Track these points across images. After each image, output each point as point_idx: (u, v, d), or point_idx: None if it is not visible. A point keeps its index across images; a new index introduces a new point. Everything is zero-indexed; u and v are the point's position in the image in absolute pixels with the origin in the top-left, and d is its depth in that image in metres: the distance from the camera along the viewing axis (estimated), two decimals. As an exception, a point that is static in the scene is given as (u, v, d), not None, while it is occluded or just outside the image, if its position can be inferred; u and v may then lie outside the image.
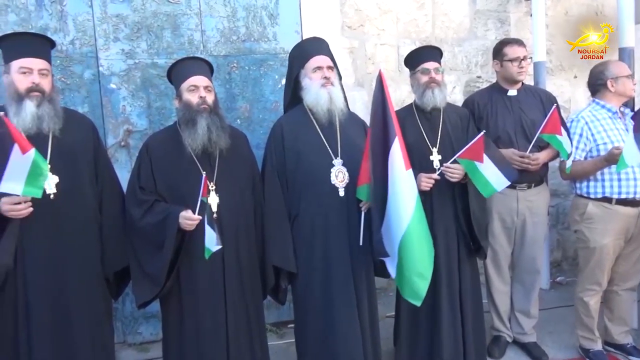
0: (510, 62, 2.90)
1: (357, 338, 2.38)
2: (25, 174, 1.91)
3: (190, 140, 2.24)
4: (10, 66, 2.12)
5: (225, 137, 2.30)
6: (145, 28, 3.21)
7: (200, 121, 2.24)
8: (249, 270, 2.39)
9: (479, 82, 4.00)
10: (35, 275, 2.11)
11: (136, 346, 3.29)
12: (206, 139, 2.24)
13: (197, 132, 2.23)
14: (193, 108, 2.26)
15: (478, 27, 4.00)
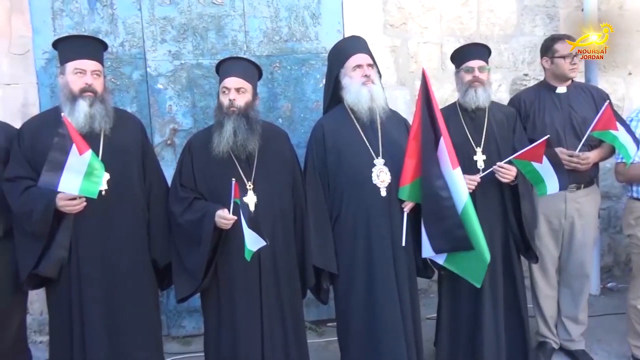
0: (562, 58, 2.80)
1: (400, 339, 2.36)
2: (82, 174, 2.01)
3: (216, 142, 2.28)
4: (65, 67, 2.23)
5: (254, 140, 2.30)
6: (191, 30, 3.30)
7: (227, 124, 2.26)
8: (286, 269, 2.40)
9: (525, 80, 3.88)
10: (88, 268, 2.21)
11: (179, 339, 3.38)
12: (231, 141, 2.27)
13: (223, 135, 2.26)
14: (222, 110, 2.30)
15: (525, 23, 3.88)
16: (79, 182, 2.02)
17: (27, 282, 2.21)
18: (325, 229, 2.44)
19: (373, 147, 2.44)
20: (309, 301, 3.47)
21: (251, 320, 2.31)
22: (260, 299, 2.31)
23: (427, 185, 2.31)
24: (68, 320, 2.21)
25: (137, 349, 2.30)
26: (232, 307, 2.31)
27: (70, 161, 2.01)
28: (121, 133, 2.29)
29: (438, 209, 2.30)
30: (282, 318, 2.39)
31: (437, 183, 2.29)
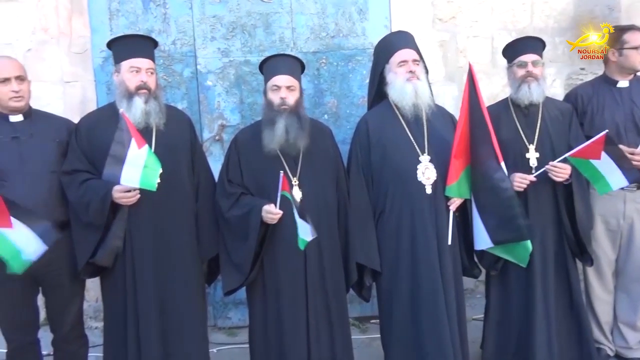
0: (633, 50, 2.65)
1: (445, 339, 2.32)
2: (141, 168, 2.10)
3: (268, 140, 2.30)
4: (120, 66, 2.31)
5: (304, 137, 2.32)
6: (239, 27, 3.35)
7: (279, 122, 2.28)
8: (331, 263, 2.42)
9: (582, 74, 3.71)
10: (141, 257, 2.30)
11: (225, 330, 3.46)
12: (283, 140, 2.29)
13: (275, 133, 2.28)
14: (273, 108, 2.32)
15: (583, 15, 3.71)
16: (138, 175, 2.11)
17: (84, 271, 2.31)
18: (368, 225, 2.44)
19: (418, 144, 2.41)
20: (352, 297, 3.46)
21: (297, 314, 2.33)
22: (305, 293, 2.34)
23: (485, 178, 2.32)
24: (122, 307, 2.31)
25: (184, 338, 2.38)
26: (278, 300, 2.34)
27: (130, 155, 2.10)
28: (172, 129, 2.36)
29: (500, 200, 2.31)
30: (328, 311, 2.40)
31: (496, 175, 2.30)
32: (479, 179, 2.34)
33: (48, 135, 2.33)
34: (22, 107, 2.30)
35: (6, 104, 2.26)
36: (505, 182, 2.31)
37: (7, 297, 2.29)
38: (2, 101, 2.26)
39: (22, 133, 2.28)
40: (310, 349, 2.34)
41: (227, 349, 3.24)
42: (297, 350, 2.33)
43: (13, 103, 2.26)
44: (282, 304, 2.34)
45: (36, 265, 2.24)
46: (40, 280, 2.33)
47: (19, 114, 2.30)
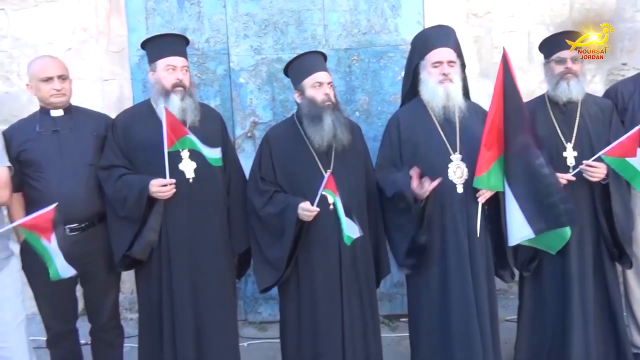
0: None
1: (475, 340, 2.29)
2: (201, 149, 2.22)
3: (317, 136, 2.31)
4: (156, 65, 2.36)
5: (347, 133, 2.35)
6: (272, 25, 3.38)
7: (326, 118, 2.30)
8: (363, 259, 2.42)
9: (624, 69, 3.57)
10: (176, 250, 2.35)
11: (256, 325, 3.50)
12: (331, 135, 2.30)
13: (324, 128, 2.29)
14: (318, 105, 2.32)
15: (626, 7, 3.57)
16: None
17: (120, 264, 2.38)
18: None
19: (450, 143, 2.37)
20: (382, 295, 3.46)
21: (332, 311, 2.34)
22: (340, 289, 2.34)
23: (525, 166, 2.26)
24: (157, 299, 2.37)
25: (216, 331, 2.42)
26: (313, 297, 2.35)
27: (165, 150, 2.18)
28: (205, 125, 2.40)
29: (541, 187, 2.25)
30: (362, 308, 2.41)
31: (537, 162, 2.25)
32: (517, 168, 2.26)
33: (86, 130, 2.40)
34: (64, 103, 2.38)
35: (48, 101, 2.34)
36: (545, 168, 2.24)
37: (47, 287, 2.36)
38: (44, 98, 2.34)
39: (62, 127, 2.36)
40: (345, 346, 2.35)
41: (258, 343, 3.28)
42: (333, 347, 2.34)
43: (55, 100, 2.34)
44: (317, 301, 2.35)
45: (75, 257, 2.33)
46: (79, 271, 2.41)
47: (60, 110, 2.38)
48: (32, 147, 2.30)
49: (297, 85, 2.40)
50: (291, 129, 2.42)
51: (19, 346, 2.15)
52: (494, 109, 2.27)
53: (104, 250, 2.38)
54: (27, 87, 2.39)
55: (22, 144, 2.30)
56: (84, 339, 2.62)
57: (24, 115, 2.55)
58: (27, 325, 2.21)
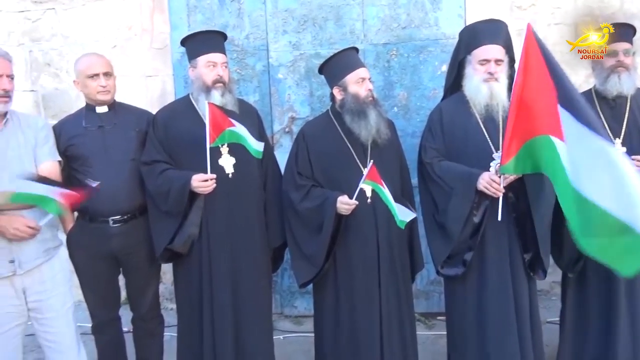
0: None
1: (512, 342, 2.24)
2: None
3: (363, 131, 2.31)
4: (197, 61, 2.40)
5: (386, 128, 2.36)
6: (310, 20, 3.38)
7: (371, 113, 2.31)
8: (400, 254, 2.42)
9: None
10: (216, 244, 2.39)
11: (292, 318, 3.54)
12: (375, 130, 2.31)
13: (370, 123, 2.30)
14: (361, 100, 2.32)
15: (682, -3, 3.39)
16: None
17: (161, 257, 2.44)
18: None
19: (493, 141, 2.31)
20: (418, 292, 3.43)
21: (371, 306, 2.34)
22: (379, 284, 2.34)
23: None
24: (198, 291, 2.41)
25: (253, 323, 2.46)
26: (351, 292, 2.36)
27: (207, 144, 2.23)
28: (243, 120, 2.42)
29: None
30: (399, 303, 2.40)
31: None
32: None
33: (129, 125, 2.47)
34: (108, 100, 2.46)
35: (94, 97, 2.42)
36: None
37: (93, 277, 2.48)
38: (90, 94, 2.42)
39: (107, 123, 2.44)
40: (383, 341, 2.35)
41: (293, 336, 3.31)
42: (372, 342, 2.34)
43: (100, 97, 2.41)
44: (355, 296, 2.35)
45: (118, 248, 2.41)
46: (122, 262, 2.50)
47: (104, 106, 2.46)
48: (79, 143, 2.39)
49: (338, 81, 2.39)
50: (327, 124, 2.43)
51: (67, 331, 2.24)
52: (519, 93, 2.05)
53: (145, 241, 2.45)
54: (74, 83, 2.47)
55: (70, 139, 2.38)
56: (126, 327, 2.71)
57: (72, 111, 2.65)
58: (74, 312, 2.31)
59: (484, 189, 2.17)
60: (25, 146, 2.14)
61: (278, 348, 2.69)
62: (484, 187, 2.17)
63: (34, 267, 2.11)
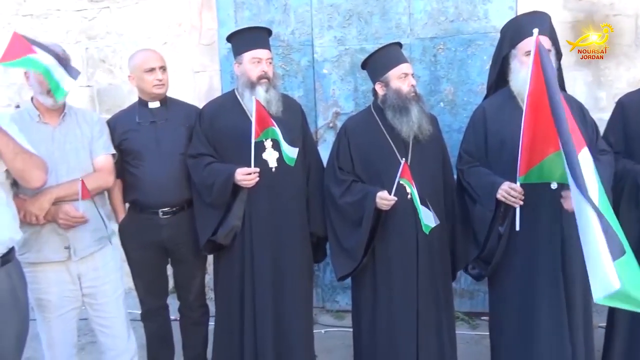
0: None
1: (563, 347, 2.15)
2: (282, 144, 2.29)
3: (405, 127, 2.30)
4: (242, 57, 2.44)
5: (428, 124, 2.34)
6: (356, 15, 3.36)
7: (413, 109, 2.30)
8: (440, 251, 2.40)
9: None
10: (258, 235, 2.43)
11: (333, 313, 3.56)
12: (417, 126, 2.30)
13: (412, 119, 2.29)
14: (404, 96, 2.31)
15: None
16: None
17: (205, 248, 2.50)
18: None
19: None
20: (462, 291, 3.37)
21: (408, 301, 2.33)
22: (417, 280, 2.33)
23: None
24: (239, 282, 2.46)
25: (294, 315, 2.49)
26: (389, 287, 2.35)
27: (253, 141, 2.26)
28: (287, 115, 2.46)
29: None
30: (436, 300, 2.38)
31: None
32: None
33: (179, 121, 2.54)
34: (162, 94, 2.54)
35: (150, 91, 2.50)
36: None
37: (142, 266, 2.58)
38: (146, 88, 2.50)
39: (159, 118, 2.52)
40: (419, 338, 2.33)
41: (334, 331, 3.32)
42: (408, 339, 2.34)
43: (156, 90, 2.49)
44: (393, 291, 2.35)
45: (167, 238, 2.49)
46: (170, 252, 2.59)
47: (156, 101, 2.54)
48: (132, 137, 2.47)
49: (381, 76, 2.38)
50: (369, 120, 2.42)
51: (118, 317, 2.35)
52: (536, 100, 1.97)
53: (192, 233, 2.51)
54: (129, 78, 2.55)
55: (124, 134, 2.47)
56: (173, 315, 2.80)
57: (125, 105, 2.75)
58: (125, 299, 2.41)
59: (502, 198, 2.13)
60: (81, 140, 2.25)
61: (319, 342, 2.71)
62: (502, 197, 2.13)
63: (87, 255, 2.21)
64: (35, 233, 2.14)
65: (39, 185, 1.98)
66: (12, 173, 1.92)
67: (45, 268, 2.17)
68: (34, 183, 1.96)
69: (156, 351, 2.74)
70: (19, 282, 1.95)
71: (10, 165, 1.88)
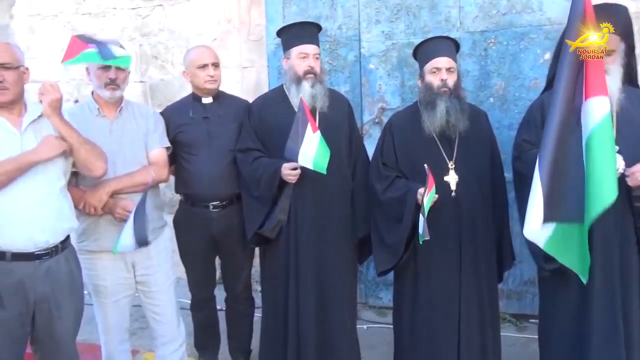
0: None
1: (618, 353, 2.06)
2: (314, 150, 2.24)
3: (428, 122, 2.27)
4: (290, 52, 2.46)
5: (464, 120, 2.27)
6: (404, 9, 3.32)
7: (440, 104, 2.24)
8: (484, 249, 2.34)
9: None
10: (303, 230, 2.45)
11: (376, 309, 3.54)
12: (444, 122, 2.25)
13: (436, 115, 2.24)
14: (433, 90, 2.27)
15: None
16: (312, 158, 2.26)
17: (252, 240, 2.54)
18: None
19: None
20: (510, 292, 3.29)
21: (450, 299, 2.30)
22: (459, 278, 2.29)
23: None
24: (284, 276, 2.49)
25: (337, 310, 2.49)
26: (430, 285, 2.33)
27: (306, 138, 2.25)
28: (333, 110, 2.46)
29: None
30: (480, 299, 2.33)
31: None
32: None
33: (231, 117, 2.59)
34: (214, 89, 2.59)
35: (202, 87, 2.56)
36: None
37: (193, 256, 2.66)
38: (199, 84, 2.56)
39: (212, 113, 2.58)
40: (461, 339, 2.29)
41: (377, 327, 3.32)
42: (448, 339, 2.30)
43: (208, 85, 2.55)
44: (434, 287, 2.32)
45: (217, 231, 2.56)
46: (219, 245, 2.65)
47: (209, 97, 2.60)
48: (186, 131, 2.54)
49: (420, 70, 2.37)
50: (414, 115, 2.38)
51: (169, 305, 2.44)
52: None
53: (240, 226, 2.56)
54: (183, 74, 2.63)
55: (179, 127, 2.55)
56: (219, 305, 2.88)
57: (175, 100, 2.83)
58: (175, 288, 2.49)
59: None
60: (137, 133, 2.33)
61: (361, 338, 2.71)
62: None
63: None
64: (94, 223, 2.25)
65: (100, 174, 2.08)
66: (76, 162, 2.02)
67: (102, 256, 2.27)
68: (96, 172, 2.06)
69: (203, 339, 2.83)
70: (75, 267, 2.10)
71: (76, 155, 1.99)
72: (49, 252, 1.95)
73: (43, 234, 1.91)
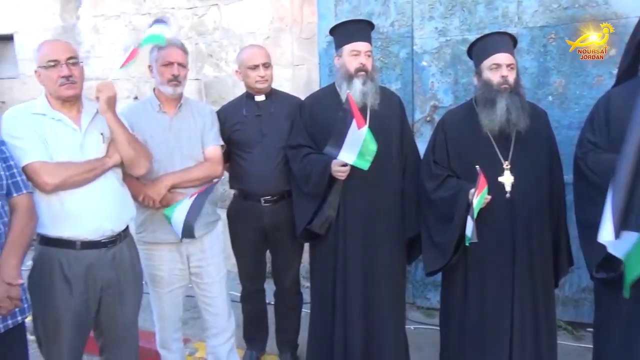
0: None
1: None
2: (359, 147, 2.23)
3: (487, 120, 2.21)
4: (342, 50, 2.46)
5: (525, 118, 2.19)
6: (459, 5, 3.24)
7: (500, 102, 2.18)
8: (540, 253, 2.26)
9: None
10: (351, 226, 2.46)
11: (423, 310, 3.50)
12: (504, 120, 2.18)
13: (496, 112, 2.18)
14: (493, 88, 2.20)
15: None
16: (355, 154, 2.25)
17: (301, 235, 2.57)
18: None
19: None
20: (566, 299, 3.16)
21: (502, 303, 2.24)
22: (512, 282, 2.22)
23: None
24: (332, 272, 2.50)
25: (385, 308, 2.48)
26: (481, 289, 2.27)
27: (350, 134, 2.25)
28: (384, 108, 2.45)
29: None
30: (535, 309, 2.25)
31: None
32: None
33: (283, 114, 2.63)
34: (265, 89, 2.64)
35: (253, 86, 2.62)
36: None
37: (245, 250, 2.72)
38: (250, 84, 2.63)
39: (264, 111, 2.63)
40: (513, 347, 2.22)
41: (424, 328, 3.28)
42: (500, 345, 2.24)
43: (258, 85, 2.60)
44: (486, 290, 2.26)
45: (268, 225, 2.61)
46: (270, 239, 2.70)
47: (262, 95, 2.65)
48: (241, 129, 2.61)
49: (477, 67, 2.30)
50: (469, 113, 2.33)
51: (220, 296, 2.52)
52: None
53: (290, 221, 2.60)
54: (236, 73, 2.69)
55: (233, 126, 2.61)
56: (268, 299, 2.93)
57: (229, 97, 2.91)
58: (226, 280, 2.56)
59: None
60: (195, 130, 2.41)
61: (408, 338, 2.68)
62: None
63: (196, 238, 2.37)
64: (151, 215, 2.34)
65: (143, 172, 2.17)
66: (123, 159, 2.10)
67: (159, 247, 2.37)
68: (140, 170, 2.15)
69: (251, 331, 2.89)
70: (135, 254, 2.21)
71: (124, 152, 2.08)
72: (114, 239, 2.06)
73: (109, 223, 2.02)
